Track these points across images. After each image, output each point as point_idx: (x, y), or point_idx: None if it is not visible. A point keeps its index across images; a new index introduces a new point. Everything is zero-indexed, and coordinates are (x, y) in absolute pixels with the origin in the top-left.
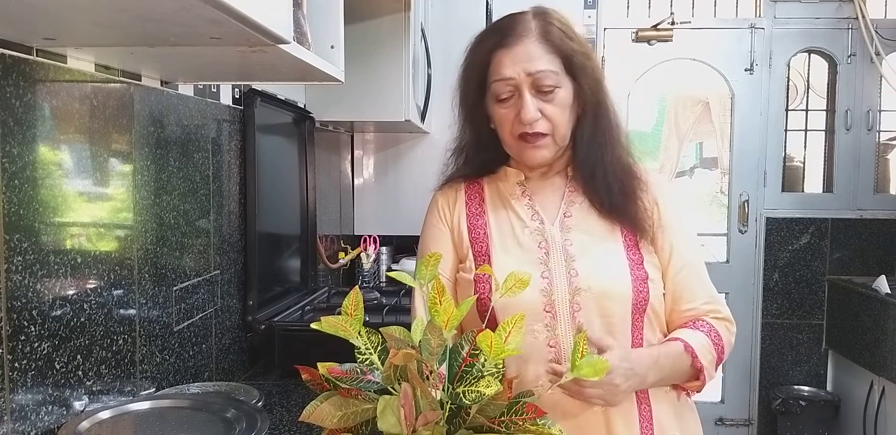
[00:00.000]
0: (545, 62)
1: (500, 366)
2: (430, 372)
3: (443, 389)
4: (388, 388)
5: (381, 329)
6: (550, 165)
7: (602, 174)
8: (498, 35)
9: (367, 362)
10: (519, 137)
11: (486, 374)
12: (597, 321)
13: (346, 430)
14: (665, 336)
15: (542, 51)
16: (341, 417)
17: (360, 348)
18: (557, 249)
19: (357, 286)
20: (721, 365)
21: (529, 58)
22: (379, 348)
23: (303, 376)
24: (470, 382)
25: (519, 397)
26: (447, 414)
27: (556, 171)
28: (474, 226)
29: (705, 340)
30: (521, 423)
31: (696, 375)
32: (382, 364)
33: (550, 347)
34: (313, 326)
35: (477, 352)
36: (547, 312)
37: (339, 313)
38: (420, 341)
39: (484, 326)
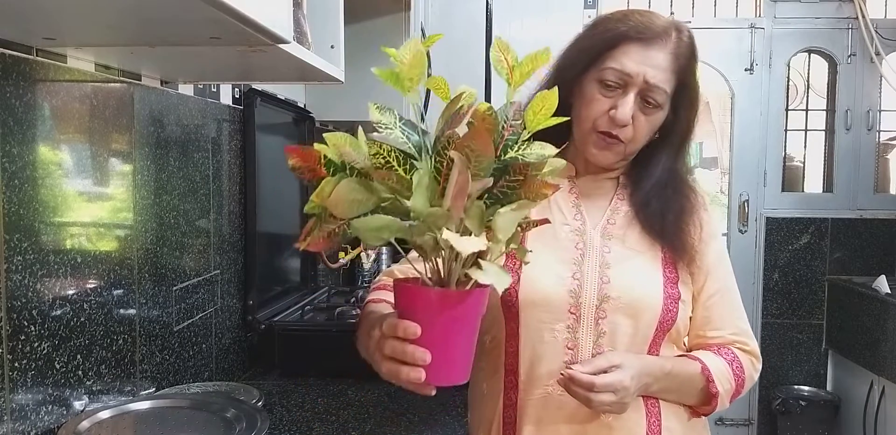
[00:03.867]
0: (665, 79)
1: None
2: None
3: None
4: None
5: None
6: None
7: (657, 205)
8: (632, 26)
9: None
10: (597, 131)
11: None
12: (619, 331)
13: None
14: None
15: (669, 65)
16: (353, 203)
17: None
18: (594, 253)
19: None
20: (737, 398)
21: (656, 66)
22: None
23: (290, 162)
24: (518, 149)
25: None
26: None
27: (608, 175)
28: None
29: (726, 368)
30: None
31: (708, 399)
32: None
33: (569, 349)
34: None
35: (518, 121)
36: (572, 313)
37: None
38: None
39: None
